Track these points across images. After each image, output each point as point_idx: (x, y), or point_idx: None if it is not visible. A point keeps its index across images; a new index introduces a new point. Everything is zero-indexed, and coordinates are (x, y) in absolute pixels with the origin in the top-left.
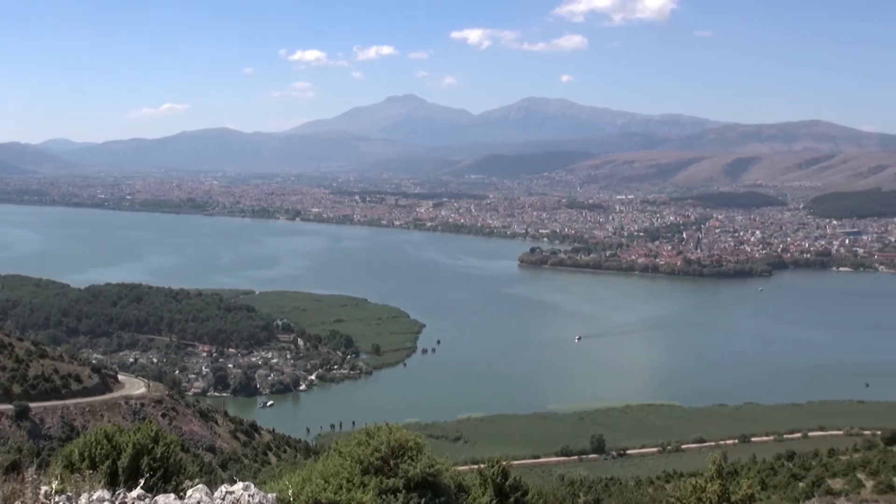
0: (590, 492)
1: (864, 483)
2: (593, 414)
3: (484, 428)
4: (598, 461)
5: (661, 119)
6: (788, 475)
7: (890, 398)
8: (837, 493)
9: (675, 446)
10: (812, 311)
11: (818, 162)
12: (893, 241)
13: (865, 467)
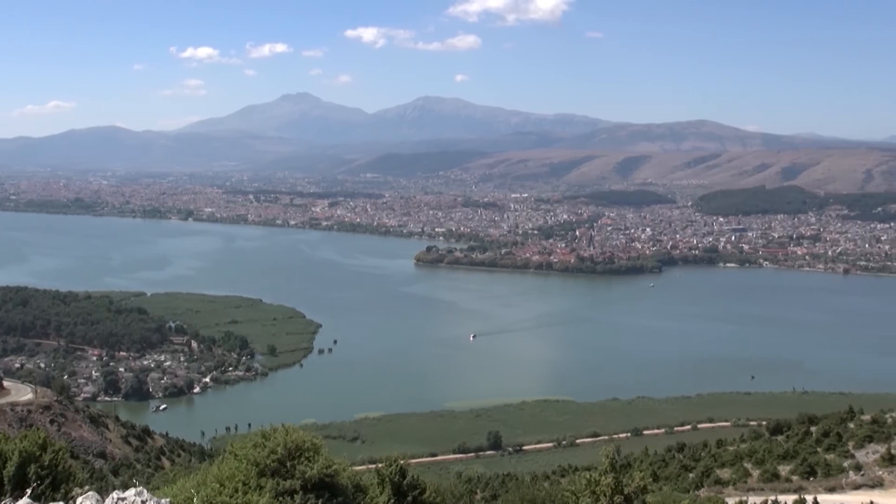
0: (487, 488)
1: (751, 472)
2: (490, 411)
3: (381, 427)
4: (495, 457)
5: (554, 118)
6: (679, 466)
7: (774, 389)
8: (726, 483)
9: (570, 441)
10: (700, 306)
11: (705, 161)
12: (777, 238)
13: (752, 457)
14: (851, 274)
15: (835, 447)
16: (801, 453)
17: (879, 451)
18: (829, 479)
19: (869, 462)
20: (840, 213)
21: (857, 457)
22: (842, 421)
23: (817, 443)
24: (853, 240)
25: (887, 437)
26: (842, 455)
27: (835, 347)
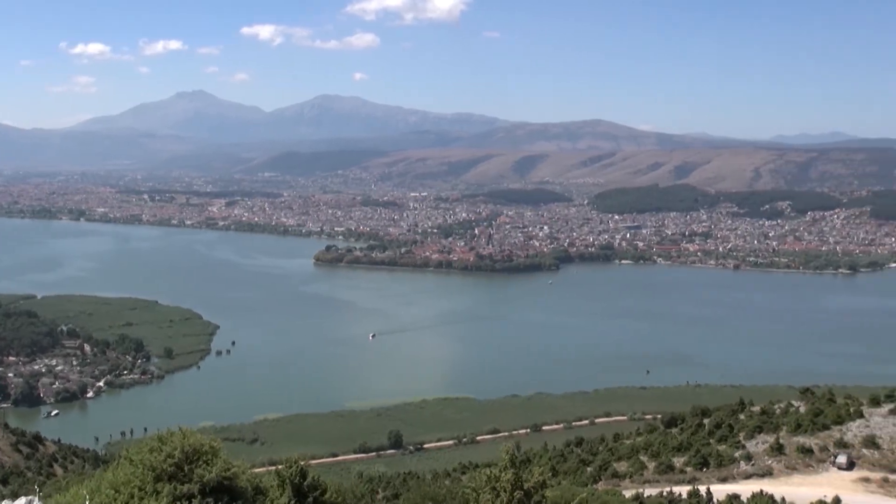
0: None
1: (647, 465)
2: (391, 410)
3: (281, 428)
4: (396, 456)
5: (452, 118)
6: (577, 461)
7: (669, 383)
8: (623, 476)
9: (471, 438)
10: (597, 303)
11: (601, 160)
12: (670, 235)
13: (647, 450)
14: (741, 269)
15: (726, 438)
16: (694, 445)
17: (768, 441)
18: (721, 469)
19: (759, 452)
20: (730, 211)
21: (748, 447)
22: (733, 413)
23: (710, 434)
24: (743, 236)
25: (776, 428)
26: (733, 446)
27: (726, 341)
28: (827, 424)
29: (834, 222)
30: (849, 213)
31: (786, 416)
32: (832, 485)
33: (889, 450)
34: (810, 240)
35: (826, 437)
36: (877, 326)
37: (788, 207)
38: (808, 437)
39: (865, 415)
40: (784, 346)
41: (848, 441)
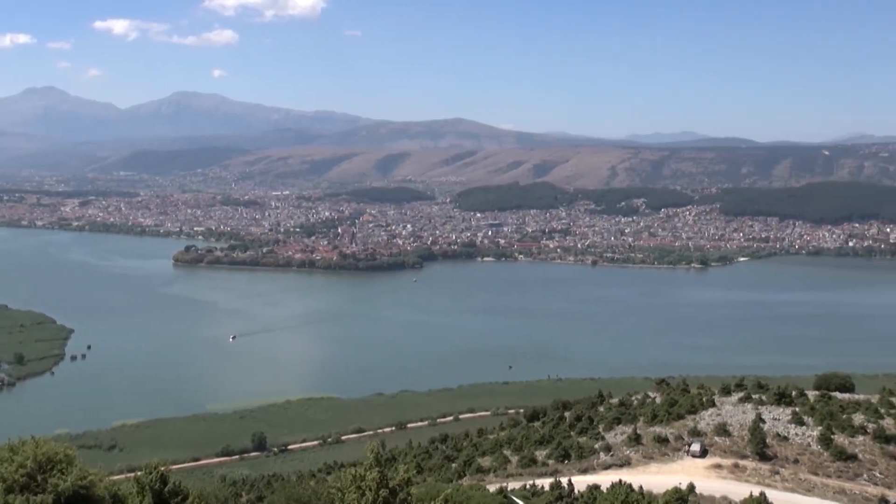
0: (252, 490)
1: (510, 459)
2: (254, 411)
3: (140, 434)
4: (260, 459)
5: (314, 116)
6: (442, 457)
7: (530, 378)
8: (487, 471)
9: (336, 438)
10: (461, 300)
11: (463, 158)
12: (531, 232)
13: (511, 444)
14: (599, 265)
15: (587, 430)
16: (556, 438)
17: (627, 432)
18: (582, 461)
19: (618, 443)
20: (588, 208)
21: (607, 438)
22: (593, 405)
23: (571, 427)
24: (600, 233)
25: (633, 419)
26: (593, 437)
27: (585, 335)
28: (681, 414)
29: (686, 218)
30: (700, 210)
31: (643, 407)
32: (687, 472)
33: (739, 437)
34: (664, 236)
35: (681, 426)
36: (727, 318)
37: (643, 204)
38: (664, 426)
39: (717, 403)
40: (640, 339)
41: (701, 429)
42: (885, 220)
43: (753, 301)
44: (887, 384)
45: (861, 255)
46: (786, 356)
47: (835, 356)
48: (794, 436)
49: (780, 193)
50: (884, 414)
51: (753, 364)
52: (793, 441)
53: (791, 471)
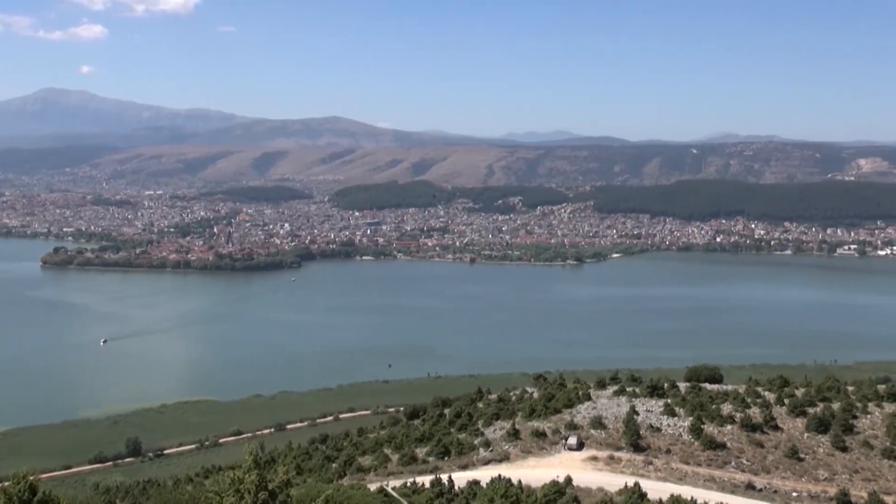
0: (127, 497)
1: (391, 457)
2: (128, 416)
3: (6, 442)
4: (135, 464)
5: (188, 113)
6: (323, 458)
7: (410, 375)
8: (367, 470)
9: (214, 441)
10: (340, 299)
11: (341, 156)
12: (409, 230)
13: (391, 442)
14: (477, 263)
15: (466, 427)
16: (436, 435)
17: (505, 428)
18: (461, 457)
19: (497, 438)
20: (466, 206)
21: (487, 434)
22: (472, 402)
23: (450, 424)
24: (478, 231)
25: (512, 414)
26: (473, 434)
27: (464, 332)
28: (558, 408)
29: (561, 216)
30: (575, 207)
31: (521, 402)
32: (564, 465)
33: (614, 429)
34: (540, 233)
35: (558, 420)
36: (601, 313)
37: (520, 202)
38: (542, 421)
39: (593, 397)
40: (518, 335)
41: (578, 423)
42: (750, 216)
43: (626, 296)
44: (754, 374)
45: (728, 250)
46: (658, 349)
47: (704, 348)
48: (666, 427)
49: (651, 191)
50: (750, 403)
51: (627, 357)
52: (665, 432)
53: (664, 461)
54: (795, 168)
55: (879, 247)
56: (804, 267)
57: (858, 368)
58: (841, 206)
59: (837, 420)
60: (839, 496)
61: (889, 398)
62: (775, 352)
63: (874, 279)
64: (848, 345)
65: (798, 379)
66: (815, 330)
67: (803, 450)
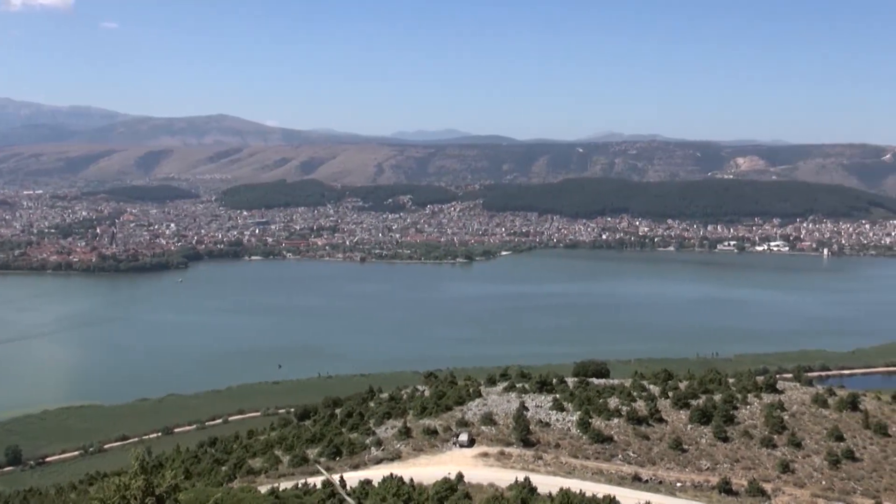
0: None
1: (282, 459)
2: (7, 424)
3: None
4: (14, 473)
5: (69, 111)
6: (212, 461)
7: (301, 376)
8: (258, 472)
9: (98, 447)
10: (229, 299)
11: (228, 155)
12: (299, 230)
13: (282, 444)
14: (368, 262)
15: (358, 426)
16: (327, 435)
17: (397, 426)
18: (353, 457)
19: (388, 437)
20: (356, 205)
21: (378, 433)
22: (363, 401)
23: (342, 424)
24: (368, 230)
25: (403, 412)
26: (364, 433)
27: (355, 332)
28: (449, 406)
29: (451, 214)
30: (464, 206)
31: (412, 400)
32: (455, 462)
33: (504, 425)
34: (430, 231)
35: (449, 417)
36: (491, 311)
37: (410, 201)
38: (433, 418)
39: (483, 394)
40: (409, 333)
41: (468, 420)
42: (634, 213)
43: (516, 293)
44: (639, 369)
45: (613, 247)
46: (547, 345)
47: (591, 344)
48: (555, 421)
49: (539, 189)
50: (636, 397)
51: (517, 354)
52: (554, 426)
53: (553, 455)
54: (678, 166)
55: (757, 242)
56: (686, 263)
57: (738, 361)
58: (721, 203)
59: (719, 411)
60: (721, 485)
61: (767, 389)
62: (660, 346)
63: (752, 274)
64: (728, 338)
65: (681, 372)
66: (698, 324)
67: (687, 441)
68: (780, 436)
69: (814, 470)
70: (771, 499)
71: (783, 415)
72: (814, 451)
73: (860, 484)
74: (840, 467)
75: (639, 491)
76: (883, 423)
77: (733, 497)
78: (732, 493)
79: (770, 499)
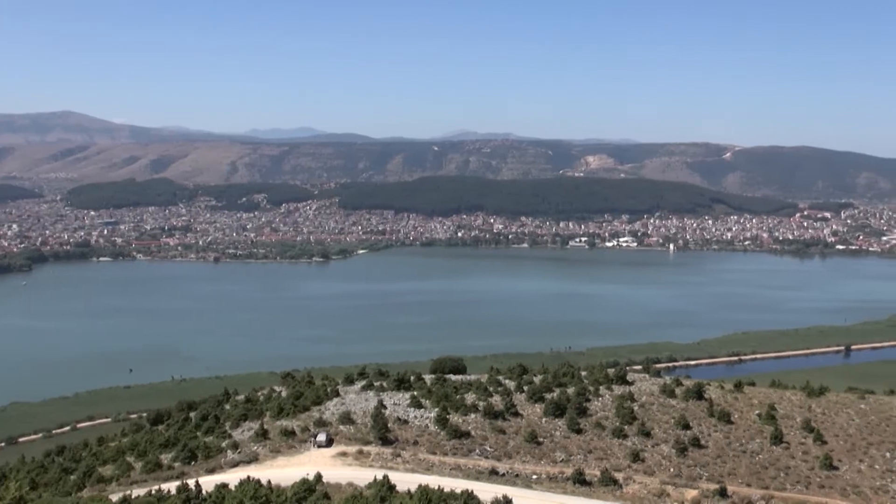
0: None
1: (134, 465)
2: None
3: None
4: None
5: None
6: (59, 470)
7: (154, 380)
8: (109, 480)
9: None
10: (76, 303)
11: (73, 153)
12: (150, 230)
13: (134, 450)
14: (222, 262)
15: (213, 430)
16: (182, 440)
17: (254, 428)
18: (209, 460)
19: (245, 439)
20: (209, 204)
21: (234, 436)
22: (219, 403)
23: (197, 427)
24: (222, 229)
25: (260, 414)
26: (220, 436)
27: (209, 333)
28: (307, 406)
29: (307, 213)
30: (320, 204)
31: (269, 401)
32: (314, 463)
33: (363, 424)
34: (286, 230)
35: (307, 417)
36: (348, 309)
37: (264, 200)
38: (291, 419)
39: (341, 393)
40: (265, 333)
41: (327, 420)
42: (489, 211)
43: (373, 292)
44: (495, 364)
45: (469, 244)
46: (404, 343)
47: (448, 340)
48: (413, 419)
49: (395, 187)
50: (492, 392)
51: (375, 352)
52: (412, 423)
53: (411, 452)
54: (530, 164)
55: (607, 239)
56: (540, 259)
57: (591, 354)
58: (572, 200)
59: (572, 404)
60: (575, 475)
61: (618, 381)
62: (515, 341)
63: (603, 269)
64: (581, 332)
65: (536, 366)
66: (551, 319)
67: (542, 434)
68: (631, 426)
69: (662, 458)
70: (622, 487)
71: (633, 405)
72: (662, 439)
73: (706, 470)
74: (687, 454)
75: (496, 485)
76: (726, 410)
77: (587, 487)
78: (586, 483)
79: (622, 487)
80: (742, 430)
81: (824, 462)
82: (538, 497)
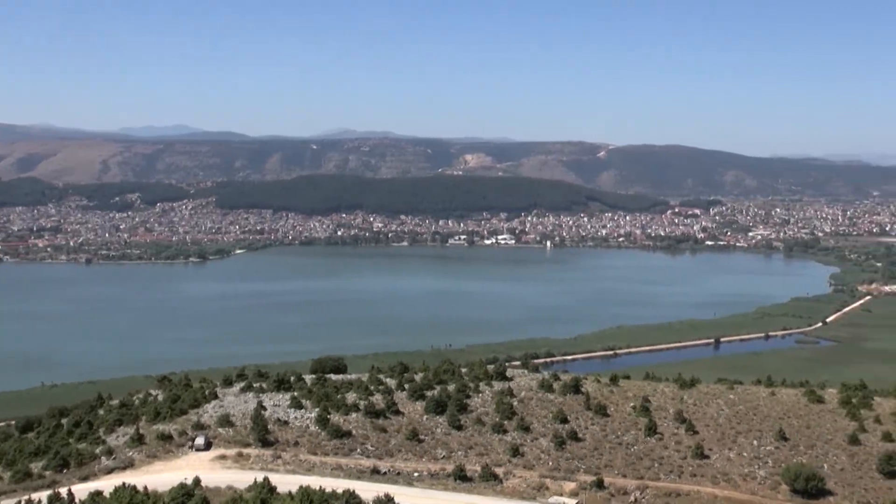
0: None
1: (2, 475)
2: None
3: None
4: None
5: None
6: None
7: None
8: None
9: None
10: None
11: None
12: (17, 231)
13: (2, 459)
14: (94, 263)
15: (87, 436)
16: (53, 447)
17: (129, 433)
18: (82, 468)
19: (120, 445)
20: (80, 204)
21: (109, 442)
22: (92, 409)
23: (69, 434)
24: (94, 230)
25: (135, 419)
26: (94, 442)
27: (81, 337)
28: (184, 409)
29: (183, 213)
30: (196, 204)
31: (145, 405)
32: (192, 467)
33: (242, 426)
34: (161, 230)
35: (184, 421)
36: (226, 310)
37: (138, 199)
38: (167, 423)
39: (220, 395)
40: (140, 336)
41: (205, 422)
42: (368, 209)
43: (251, 292)
44: (375, 363)
45: (349, 243)
46: (284, 343)
47: (329, 340)
48: (293, 419)
49: (273, 186)
50: (373, 391)
51: (254, 353)
52: (293, 424)
53: (292, 453)
54: (409, 163)
55: (486, 236)
56: (419, 257)
57: (470, 351)
58: (451, 199)
59: (453, 401)
60: (456, 472)
61: (497, 377)
62: (396, 339)
63: (482, 267)
64: (461, 329)
65: (417, 364)
66: (432, 317)
67: (423, 431)
68: (511, 421)
69: (541, 452)
70: (503, 482)
71: (513, 401)
72: (541, 433)
73: (583, 462)
74: (565, 448)
75: (378, 483)
76: (603, 403)
77: (468, 483)
78: (467, 479)
79: (502, 482)
80: (618, 422)
81: (696, 451)
82: (420, 494)
